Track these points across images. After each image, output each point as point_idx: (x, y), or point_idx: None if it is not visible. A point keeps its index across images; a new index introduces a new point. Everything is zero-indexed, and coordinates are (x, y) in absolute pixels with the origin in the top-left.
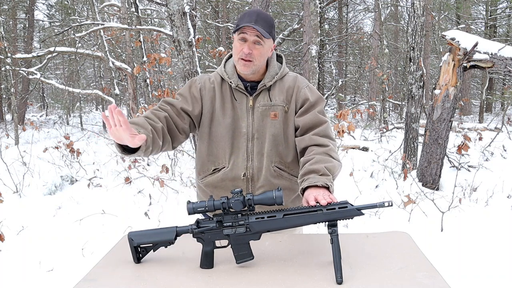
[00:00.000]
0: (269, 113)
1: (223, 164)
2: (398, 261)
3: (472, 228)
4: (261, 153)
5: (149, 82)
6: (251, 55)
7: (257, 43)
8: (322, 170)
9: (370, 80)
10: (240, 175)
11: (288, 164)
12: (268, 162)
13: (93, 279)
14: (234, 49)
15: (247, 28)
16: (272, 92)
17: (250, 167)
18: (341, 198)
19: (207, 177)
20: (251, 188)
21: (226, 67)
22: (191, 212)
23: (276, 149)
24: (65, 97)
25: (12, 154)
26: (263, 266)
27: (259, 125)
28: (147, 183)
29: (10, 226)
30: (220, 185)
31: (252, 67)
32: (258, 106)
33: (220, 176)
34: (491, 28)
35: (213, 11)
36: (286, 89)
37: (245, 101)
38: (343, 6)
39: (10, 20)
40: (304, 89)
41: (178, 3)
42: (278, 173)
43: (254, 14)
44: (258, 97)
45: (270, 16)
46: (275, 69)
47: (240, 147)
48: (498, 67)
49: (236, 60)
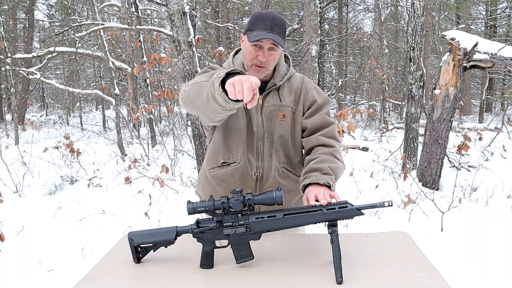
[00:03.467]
0: (277, 114)
1: (234, 159)
2: (398, 261)
3: (472, 228)
4: (269, 153)
5: (149, 82)
6: (266, 62)
7: (272, 49)
8: (326, 169)
9: (370, 80)
10: (251, 173)
11: (294, 165)
12: (276, 163)
13: (93, 279)
14: (247, 53)
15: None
16: (281, 92)
17: (260, 166)
18: (341, 198)
19: (215, 169)
20: (259, 187)
21: (234, 64)
22: (191, 212)
23: (284, 150)
24: (65, 97)
25: (12, 154)
26: (263, 266)
27: (268, 125)
28: (147, 183)
29: (10, 226)
30: (229, 180)
31: (265, 72)
32: (267, 105)
33: (230, 171)
34: (491, 28)
35: (213, 11)
36: (294, 90)
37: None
38: (343, 6)
39: (10, 20)
40: (312, 90)
41: (178, 3)
42: (286, 174)
43: (269, 20)
44: (267, 96)
45: (283, 20)
46: (284, 69)
47: (253, 146)
48: (498, 67)
49: (249, 65)
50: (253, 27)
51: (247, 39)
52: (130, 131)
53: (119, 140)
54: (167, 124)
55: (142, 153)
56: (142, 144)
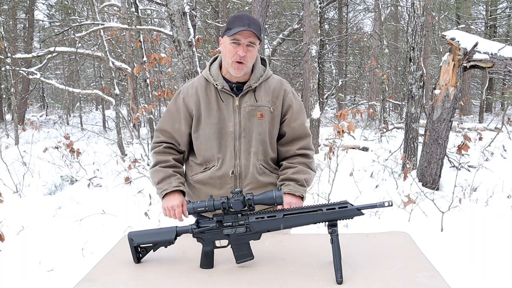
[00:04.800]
0: (255, 113)
1: (213, 164)
2: (398, 261)
3: (472, 228)
4: (248, 151)
5: (149, 82)
6: (245, 58)
7: (250, 46)
8: (301, 181)
9: (370, 80)
10: (228, 172)
11: (270, 162)
12: (254, 160)
13: (93, 279)
14: (226, 52)
15: (242, 32)
16: (257, 93)
17: (238, 165)
18: (341, 198)
19: (197, 175)
20: (239, 185)
21: (211, 70)
22: (191, 212)
23: (262, 147)
24: (65, 97)
25: (12, 154)
26: (263, 266)
27: (246, 124)
28: (147, 183)
29: (10, 226)
30: (209, 182)
31: (244, 69)
32: (245, 106)
33: (209, 174)
34: (491, 28)
35: (213, 11)
36: (271, 91)
37: (232, 102)
38: (343, 6)
39: (10, 20)
40: (290, 94)
41: (178, 3)
42: (263, 171)
43: (245, 18)
44: (245, 97)
45: (258, 20)
46: (260, 71)
47: (227, 145)
48: (498, 67)
49: (230, 63)
50: (231, 26)
51: (227, 35)
52: (130, 131)
53: (119, 140)
54: None
55: (142, 153)
56: (142, 144)
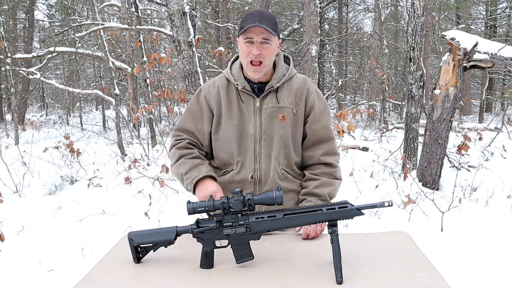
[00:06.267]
0: (277, 115)
1: (232, 167)
2: (398, 261)
3: (472, 228)
4: (268, 155)
5: (149, 82)
6: (261, 56)
7: (265, 43)
8: (324, 196)
9: (370, 80)
10: (247, 177)
11: (294, 166)
12: (275, 164)
13: (93, 279)
14: (241, 52)
15: (252, 29)
16: (279, 93)
17: (257, 169)
18: (341, 198)
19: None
20: (259, 190)
21: (232, 69)
22: (191, 212)
23: (284, 151)
24: (65, 97)
25: (12, 154)
26: (263, 266)
27: (267, 126)
28: (147, 183)
29: (10, 226)
30: (228, 187)
31: (263, 69)
32: (266, 107)
33: (228, 178)
34: (491, 28)
35: (213, 11)
36: (294, 91)
37: (252, 103)
38: (343, 6)
39: (10, 20)
40: (313, 93)
41: (178, 3)
42: (285, 176)
43: (256, 14)
44: (266, 98)
45: (272, 14)
46: (283, 70)
47: (247, 148)
48: (498, 67)
49: (246, 64)
50: (243, 24)
51: (240, 34)
52: (130, 131)
53: (119, 140)
54: (167, 124)
55: (142, 153)
56: (142, 144)
